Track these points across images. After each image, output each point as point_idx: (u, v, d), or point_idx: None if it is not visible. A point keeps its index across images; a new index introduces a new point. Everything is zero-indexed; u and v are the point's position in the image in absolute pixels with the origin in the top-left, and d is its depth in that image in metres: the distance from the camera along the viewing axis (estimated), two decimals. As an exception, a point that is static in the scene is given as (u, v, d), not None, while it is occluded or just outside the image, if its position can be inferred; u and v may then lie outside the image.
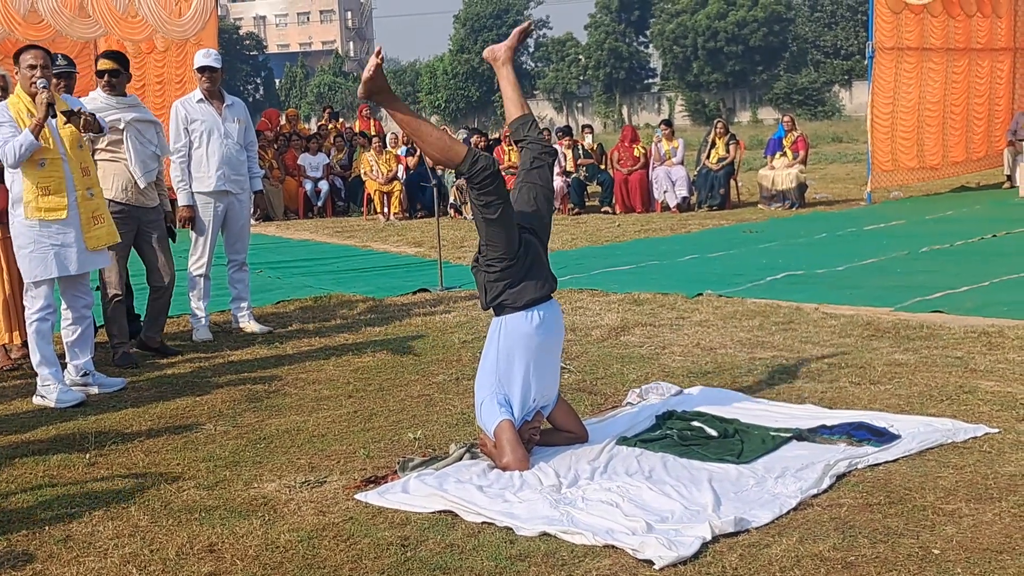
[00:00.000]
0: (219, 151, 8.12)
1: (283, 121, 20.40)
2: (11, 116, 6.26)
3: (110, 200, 7.33)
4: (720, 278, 9.78)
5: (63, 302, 6.59)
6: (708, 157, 16.90)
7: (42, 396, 6.40)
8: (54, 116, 6.43)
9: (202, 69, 8.11)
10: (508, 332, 4.92)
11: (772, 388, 6.07)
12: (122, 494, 4.71)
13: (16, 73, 6.41)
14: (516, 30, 5.46)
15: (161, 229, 7.72)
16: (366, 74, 4.75)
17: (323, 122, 21.13)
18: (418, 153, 17.90)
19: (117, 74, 7.44)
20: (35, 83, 6.30)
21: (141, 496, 4.67)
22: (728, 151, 16.83)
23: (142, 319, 7.89)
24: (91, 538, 4.20)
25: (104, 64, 7.45)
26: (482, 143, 17.66)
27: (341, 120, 21.68)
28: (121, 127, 7.33)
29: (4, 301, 7.26)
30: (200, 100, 8.16)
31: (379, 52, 4.80)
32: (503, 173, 5.15)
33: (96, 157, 7.32)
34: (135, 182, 7.39)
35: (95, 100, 7.28)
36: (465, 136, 17.72)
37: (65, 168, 6.41)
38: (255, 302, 8.82)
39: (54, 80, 6.71)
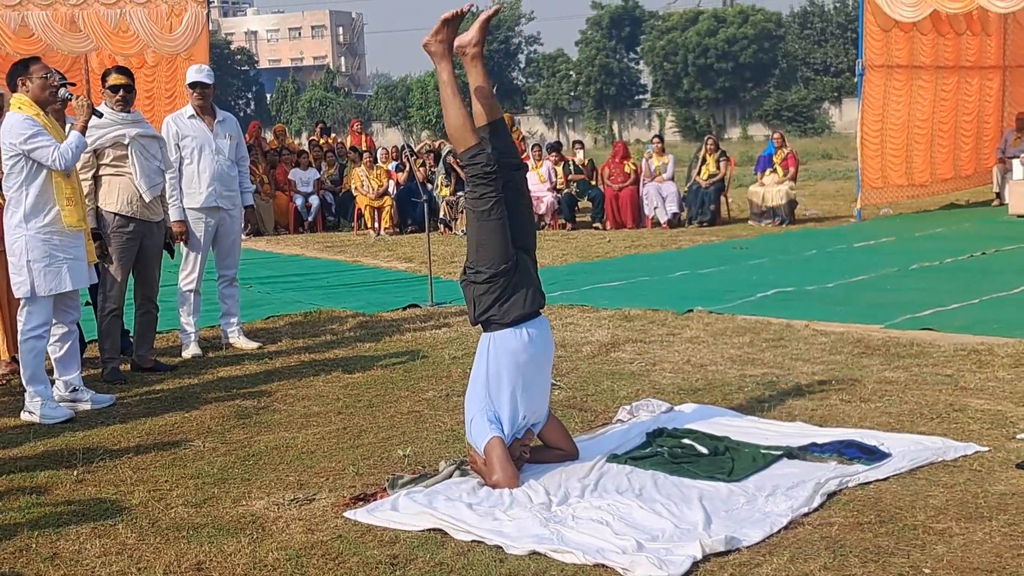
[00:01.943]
0: (211, 167, 8.12)
1: (271, 137, 20.38)
2: (41, 124, 6.28)
3: (115, 213, 7.35)
4: (710, 294, 9.78)
5: (52, 317, 6.56)
6: (699, 173, 16.93)
7: (30, 412, 6.37)
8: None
9: (193, 85, 8.11)
10: (496, 349, 4.92)
11: (762, 405, 6.06)
12: (110, 511, 4.68)
13: (23, 85, 6.41)
14: (480, 18, 5.01)
15: (160, 244, 7.72)
16: (448, 14, 4.81)
17: (314, 137, 21.13)
18: (408, 168, 17.91)
19: (131, 89, 7.49)
20: (55, 93, 6.43)
21: (129, 513, 4.64)
22: (718, 167, 16.86)
23: (131, 335, 7.86)
24: (78, 556, 4.18)
25: (118, 79, 7.45)
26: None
27: (333, 135, 21.66)
28: (126, 142, 7.35)
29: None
30: (192, 116, 8.16)
31: (471, 5, 4.87)
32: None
33: (101, 172, 7.35)
34: (140, 196, 7.39)
35: None
36: (450, 149, 17.71)
37: (78, 181, 6.54)
38: (245, 317, 8.80)
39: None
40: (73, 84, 7.30)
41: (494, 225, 4.83)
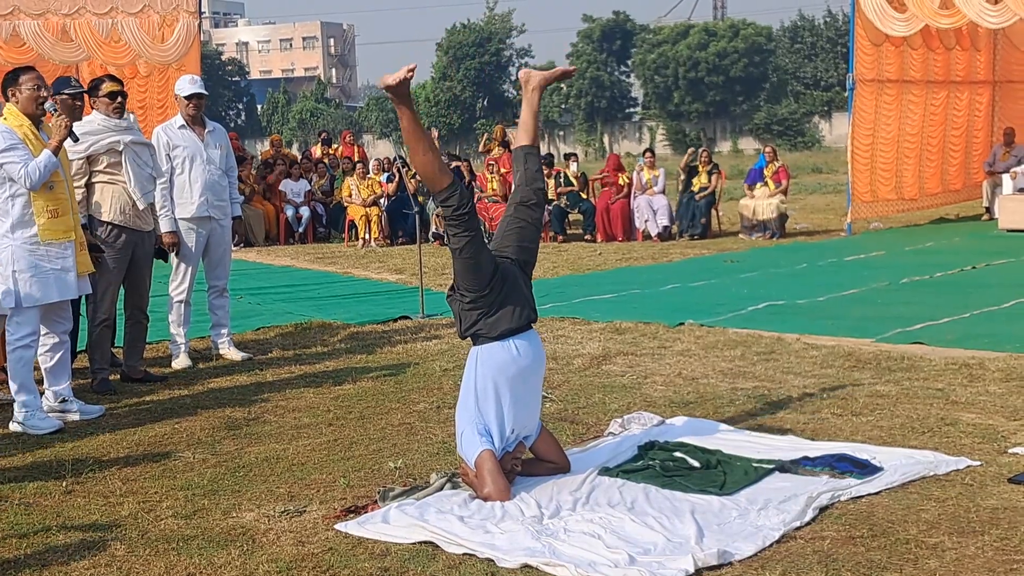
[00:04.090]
0: (202, 177, 8.11)
1: (265, 146, 20.38)
2: (20, 138, 6.26)
3: (107, 222, 7.33)
4: (701, 307, 9.78)
5: (43, 327, 6.53)
6: (690, 184, 16.98)
7: (19, 422, 6.33)
8: (75, 139, 6.59)
9: (191, 96, 8.11)
10: (484, 362, 4.92)
11: (754, 419, 6.06)
12: (99, 523, 4.65)
13: (12, 96, 6.39)
14: (560, 69, 5.70)
15: (151, 254, 7.70)
16: (392, 80, 4.77)
17: (313, 148, 21.14)
18: (397, 179, 17.90)
19: (125, 96, 7.53)
20: (42, 105, 6.41)
21: (118, 525, 4.62)
22: (710, 180, 16.90)
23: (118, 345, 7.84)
24: (67, 568, 4.15)
25: (113, 86, 7.45)
26: (465, 167, 17.74)
27: (335, 146, 21.62)
28: (120, 149, 7.35)
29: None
30: (182, 126, 8.15)
31: (413, 68, 4.82)
32: (486, 200, 5.16)
33: (94, 180, 7.32)
34: (133, 204, 7.38)
35: (92, 123, 7.31)
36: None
37: (67, 192, 6.51)
38: (235, 328, 8.77)
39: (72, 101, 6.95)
40: (85, 91, 7.30)
41: (467, 262, 4.89)
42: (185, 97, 8.12)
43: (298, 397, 6.97)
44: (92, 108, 7.46)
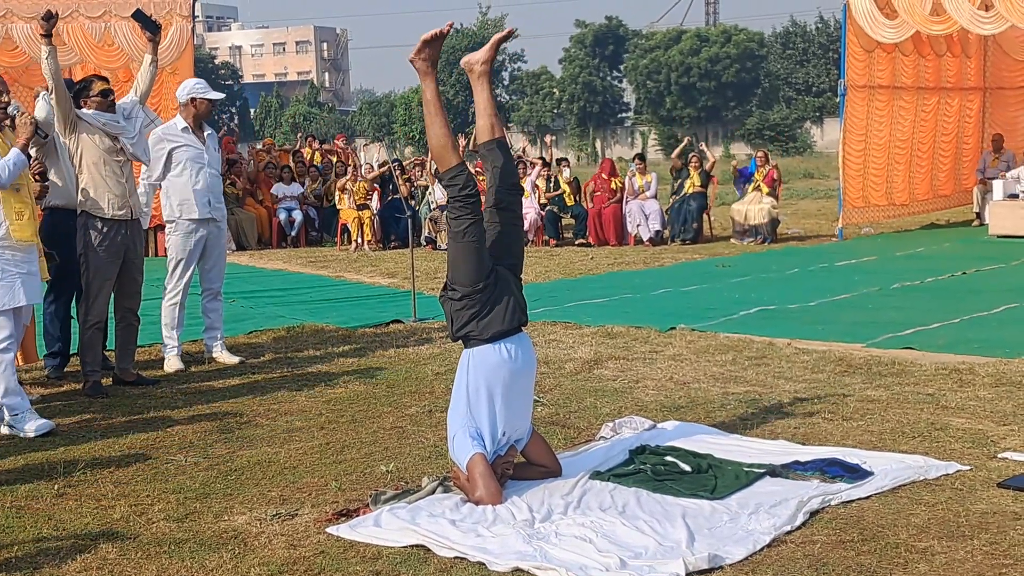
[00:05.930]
0: (205, 180, 8.20)
1: (259, 147, 20.35)
2: None
3: (101, 218, 7.33)
4: (693, 312, 9.80)
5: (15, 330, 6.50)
6: (682, 188, 17.01)
7: (10, 426, 6.32)
8: (43, 137, 6.56)
9: (213, 101, 8.37)
10: (476, 365, 4.92)
11: (745, 423, 6.07)
12: (90, 526, 4.65)
13: None
14: (494, 38, 5.30)
15: (142, 256, 7.68)
16: (428, 34, 4.81)
17: (308, 148, 21.10)
18: (390, 185, 17.92)
19: (114, 92, 7.59)
20: (4, 109, 6.48)
21: (110, 528, 4.61)
22: (703, 183, 16.93)
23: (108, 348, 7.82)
24: (58, 571, 4.14)
25: (103, 85, 7.52)
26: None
27: (325, 146, 21.57)
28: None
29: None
30: (184, 128, 8.22)
31: (451, 25, 4.90)
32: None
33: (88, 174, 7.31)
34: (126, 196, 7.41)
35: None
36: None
37: (30, 195, 6.52)
38: (227, 332, 8.77)
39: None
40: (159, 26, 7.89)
41: (468, 247, 4.86)
42: (210, 100, 8.29)
43: (290, 401, 6.97)
44: (83, 107, 7.44)
